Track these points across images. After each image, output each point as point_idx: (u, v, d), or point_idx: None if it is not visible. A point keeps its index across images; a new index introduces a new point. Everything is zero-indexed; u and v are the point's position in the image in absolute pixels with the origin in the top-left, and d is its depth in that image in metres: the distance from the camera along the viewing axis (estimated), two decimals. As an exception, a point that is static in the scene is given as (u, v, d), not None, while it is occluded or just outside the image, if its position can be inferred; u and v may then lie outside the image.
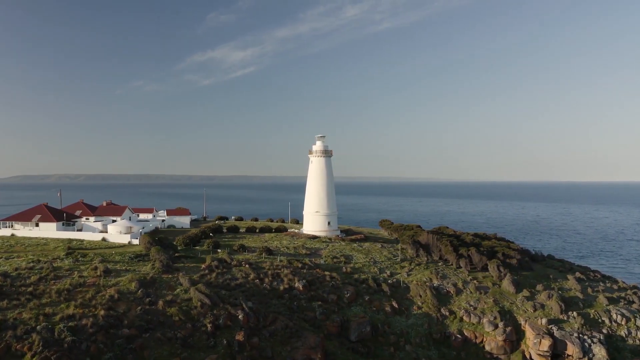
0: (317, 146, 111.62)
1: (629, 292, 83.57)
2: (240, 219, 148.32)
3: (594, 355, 67.11)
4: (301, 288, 70.94)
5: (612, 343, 70.06)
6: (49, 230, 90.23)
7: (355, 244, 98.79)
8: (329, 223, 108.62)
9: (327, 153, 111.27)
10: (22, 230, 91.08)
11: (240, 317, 60.20)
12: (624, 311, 75.05)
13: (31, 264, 67.62)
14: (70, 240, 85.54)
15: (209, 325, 57.68)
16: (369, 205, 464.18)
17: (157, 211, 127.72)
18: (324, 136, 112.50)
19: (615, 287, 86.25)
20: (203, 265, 72.55)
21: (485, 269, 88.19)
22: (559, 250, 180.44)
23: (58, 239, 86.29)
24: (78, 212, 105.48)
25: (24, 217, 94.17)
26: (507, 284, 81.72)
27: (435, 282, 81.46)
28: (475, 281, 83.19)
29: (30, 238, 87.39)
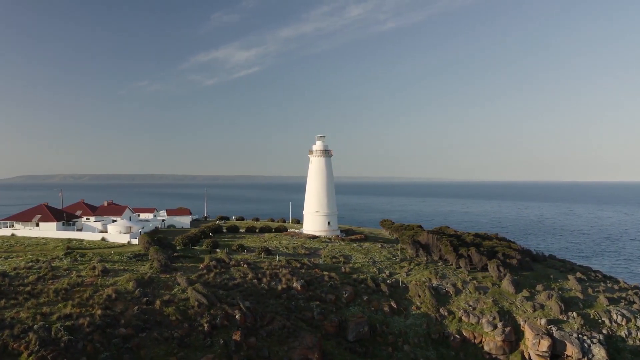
0: (317, 146, 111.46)
1: (630, 292, 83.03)
2: (241, 218, 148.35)
3: (593, 355, 66.72)
4: (299, 288, 70.81)
5: (612, 344, 69.62)
6: (49, 230, 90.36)
7: (354, 244, 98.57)
8: (328, 223, 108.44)
9: (327, 153, 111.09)
10: (23, 230, 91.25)
11: (237, 316, 60.14)
12: (625, 311, 74.58)
13: (30, 264, 67.79)
14: (69, 240, 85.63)
15: (205, 325, 57.64)
16: (372, 206, 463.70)
17: (157, 211, 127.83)
18: (323, 136, 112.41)
19: (616, 287, 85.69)
20: (201, 265, 72.53)
21: (485, 269, 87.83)
22: (562, 250, 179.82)
23: (58, 239, 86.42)
24: (79, 212, 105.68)
25: (25, 217, 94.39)
26: (506, 284, 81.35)
27: (435, 282, 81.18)
28: (474, 281, 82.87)
29: (30, 238, 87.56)
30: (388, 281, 79.81)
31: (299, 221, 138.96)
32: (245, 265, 74.71)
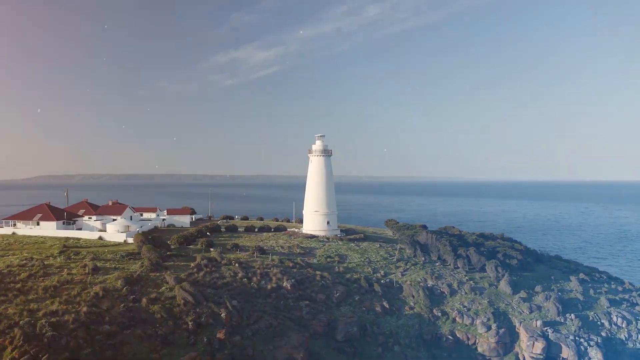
0: (317, 146, 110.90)
1: (633, 294, 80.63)
2: (245, 218, 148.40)
3: (589, 359, 64.89)
4: (289, 287, 70.43)
5: (611, 346, 67.62)
6: (49, 229, 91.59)
7: (352, 244, 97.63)
8: (328, 222, 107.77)
9: (326, 152, 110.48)
10: (23, 229, 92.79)
11: (222, 315, 60.07)
12: (626, 313, 72.39)
13: (23, 261, 68.75)
14: (67, 239, 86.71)
15: (190, 323, 57.78)
16: (388, 205, 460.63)
17: (160, 210, 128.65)
18: (323, 135, 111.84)
19: (620, 288, 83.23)
20: (192, 264, 72.67)
21: (484, 269, 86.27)
22: (578, 251, 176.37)
23: (56, 238, 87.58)
24: (81, 212, 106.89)
25: (26, 216, 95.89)
26: (504, 285, 79.76)
27: (430, 283, 79.96)
28: (471, 282, 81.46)
29: (29, 236, 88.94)
30: (382, 281, 78.86)
31: (302, 221, 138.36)
32: (236, 265, 74.59)
